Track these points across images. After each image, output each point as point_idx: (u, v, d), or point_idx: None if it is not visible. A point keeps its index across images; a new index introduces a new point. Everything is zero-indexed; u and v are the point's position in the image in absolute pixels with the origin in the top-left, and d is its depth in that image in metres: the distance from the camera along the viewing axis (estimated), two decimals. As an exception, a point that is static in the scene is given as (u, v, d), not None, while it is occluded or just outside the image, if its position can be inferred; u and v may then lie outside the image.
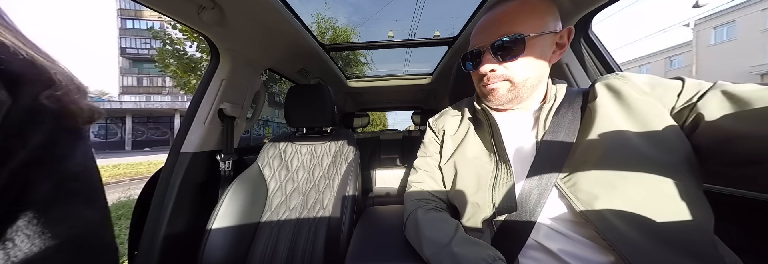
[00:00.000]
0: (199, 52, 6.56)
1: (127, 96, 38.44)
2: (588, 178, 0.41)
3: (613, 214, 0.38)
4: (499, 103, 0.54)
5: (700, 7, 15.36)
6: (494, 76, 0.50)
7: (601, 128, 0.43)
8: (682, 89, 0.40)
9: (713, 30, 16.92)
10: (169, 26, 6.42)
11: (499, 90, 0.51)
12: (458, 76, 0.83)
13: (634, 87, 0.44)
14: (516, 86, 0.50)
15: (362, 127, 2.66)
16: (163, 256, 0.81)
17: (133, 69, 39.31)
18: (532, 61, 0.49)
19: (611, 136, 0.41)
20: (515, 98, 0.52)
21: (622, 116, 0.42)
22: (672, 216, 0.36)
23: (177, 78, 7.13)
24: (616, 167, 0.39)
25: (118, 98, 37.96)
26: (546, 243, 0.45)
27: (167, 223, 0.83)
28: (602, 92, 0.47)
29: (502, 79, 0.50)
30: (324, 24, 8.26)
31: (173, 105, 18.40)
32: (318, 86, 1.16)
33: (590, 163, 0.42)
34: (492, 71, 0.50)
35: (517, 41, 0.47)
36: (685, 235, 0.36)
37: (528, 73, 0.49)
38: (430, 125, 0.73)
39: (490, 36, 0.49)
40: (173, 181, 0.87)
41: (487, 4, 0.84)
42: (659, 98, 0.41)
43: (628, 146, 0.40)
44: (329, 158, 1.14)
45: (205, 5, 0.74)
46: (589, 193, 0.40)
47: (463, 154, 0.58)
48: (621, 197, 0.38)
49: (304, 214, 1.02)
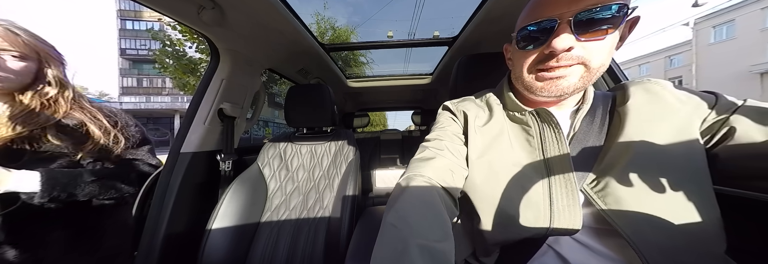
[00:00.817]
0: (198, 52, 6.57)
1: (126, 97, 38.44)
2: (615, 184, 0.40)
3: (644, 224, 0.38)
4: (557, 95, 0.43)
5: (699, 6, 15.39)
6: (567, 58, 0.39)
7: (631, 132, 0.41)
8: (716, 103, 0.40)
9: (713, 29, 16.91)
10: (169, 27, 6.44)
11: (570, 77, 0.40)
12: (458, 76, 0.83)
13: (673, 94, 0.43)
14: (590, 73, 0.40)
15: (362, 127, 2.66)
16: (163, 256, 0.81)
17: (133, 70, 39.33)
18: (613, 44, 0.40)
19: (642, 142, 0.40)
20: (581, 89, 0.42)
21: (657, 121, 0.41)
22: (692, 222, 0.37)
23: (176, 79, 7.13)
24: (645, 173, 0.39)
25: (117, 99, 37.98)
26: (562, 251, 0.44)
27: (167, 223, 0.83)
28: (638, 96, 0.44)
29: (577, 62, 0.39)
30: (324, 24, 8.27)
31: (173, 106, 18.38)
32: (318, 86, 1.16)
33: (618, 168, 0.40)
34: (569, 50, 0.38)
35: (615, 12, 0.37)
36: (702, 241, 0.37)
37: (606, 58, 0.40)
38: (448, 108, 0.59)
39: (573, 3, 0.38)
40: (173, 181, 0.87)
41: (488, 2, 0.84)
42: (694, 110, 0.41)
43: (661, 154, 0.39)
44: (329, 158, 1.14)
45: (205, 5, 0.74)
46: (616, 198, 0.39)
47: (501, 160, 0.47)
48: (648, 203, 0.38)
49: (304, 214, 1.02)
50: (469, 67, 0.81)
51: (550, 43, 0.39)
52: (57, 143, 0.69)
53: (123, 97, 38.34)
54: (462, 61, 0.83)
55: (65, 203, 0.67)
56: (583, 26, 0.37)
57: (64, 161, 0.70)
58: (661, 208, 0.37)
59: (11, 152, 0.64)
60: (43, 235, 0.68)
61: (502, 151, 0.48)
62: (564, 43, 0.38)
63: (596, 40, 0.38)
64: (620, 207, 0.39)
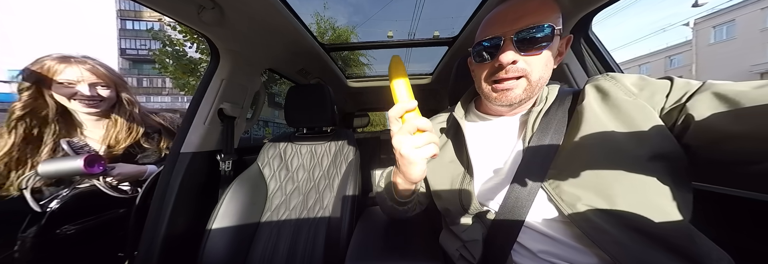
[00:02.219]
0: (198, 53, 6.56)
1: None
2: (572, 180, 0.42)
3: (596, 214, 0.40)
4: (508, 104, 0.50)
5: (699, 6, 15.36)
6: (513, 70, 0.46)
7: (586, 130, 0.43)
8: (671, 90, 0.40)
9: (713, 29, 16.92)
10: (169, 28, 6.43)
11: (515, 89, 0.48)
12: (458, 76, 0.83)
13: (622, 88, 0.44)
14: (532, 85, 0.47)
15: (362, 127, 2.66)
16: (162, 256, 0.81)
17: (133, 70, 39.33)
18: (550, 58, 0.47)
19: (596, 138, 0.42)
20: (526, 99, 0.49)
21: (609, 117, 0.43)
22: (653, 214, 0.38)
23: (176, 79, 7.13)
24: (601, 168, 0.40)
25: (118, 99, 37.95)
26: (530, 245, 0.47)
27: (167, 223, 0.83)
28: (590, 93, 0.47)
29: (520, 75, 0.46)
30: (324, 24, 8.27)
31: (173, 106, 18.38)
32: (318, 86, 1.16)
33: (575, 164, 0.43)
34: (513, 63, 0.45)
35: (547, 32, 0.44)
36: (665, 232, 0.37)
37: (544, 71, 0.47)
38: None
39: (514, 24, 0.45)
40: (173, 181, 0.87)
41: (488, 3, 0.84)
42: (648, 99, 0.41)
43: (613, 147, 0.40)
44: (329, 158, 1.14)
45: (205, 5, 0.74)
46: (572, 195, 0.42)
47: (442, 161, 0.60)
48: (605, 198, 0.40)
49: (304, 214, 1.02)
50: (469, 67, 0.81)
51: (498, 57, 0.46)
52: (147, 146, 0.97)
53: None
54: (462, 61, 0.83)
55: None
56: (523, 43, 0.45)
57: (157, 157, 1.00)
58: (618, 203, 0.39)
59: (128, 155, 0.93)
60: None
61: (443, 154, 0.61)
62: (508, 57, 0.45)
63: (534, 55, 0.45)
64: (575, 202, 0.41)
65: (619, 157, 0.40)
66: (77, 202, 0.82)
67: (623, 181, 0.39)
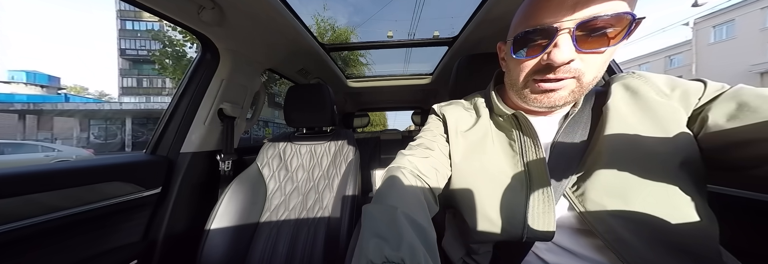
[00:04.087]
0: (198, 53, 6.57)
1: (127, 97, 38.44)
2: (597, 187, 0.38)
3: (621, 224, 0.37)
4: (549, 106, 0.41)
5: (699, 5, 15.34)
6: (565, 70, 0.36)
7: (613, 130, 0.39)
8: (704, 93, 0.37)
9: (713, 29, 16.89)
10: (169, 28, 6.44)
11: (561, 91, 0.39)
12: (458, 76, 0.83)
13: (654, 87, 0.41)
14: (582, 87, 0.38)
15: (362, 127, 2.66)
16: (162, 256, 0.80)
17: (133, 70, 39.31)
18: (610, 57, 0.38)
19: (623, 140, 0.38)
20: (570, 103, 0.42)
21: (638, 118, 0.39)
22: (680, 224, 0.35)
23: (176, 80, 7.13)
24: (624, 174, 0.37)
25: (118, 99, 37.98)
26: (545, 256, 0.44)
27: (167, 223, 0.83)
28: (618, 91, 0.43)
29: (572, 76, 0.37)
30: (323, 25, 8.27)
31: (173, 106, 18.40)
32: (318, 86, 1.16)
33: (601, 170, 0.38)
34: (569, 63, 0.36)
35: (622, 25, 0.34)
36: (691, 244, 0.35)
37: (599, 71, 0.38)
38: (435, 111, 0.60)
39: (574, 9, 0.34)
40: (173, 181, 0.87)
41: (488, 2, 0.84)
42: (680, 101, 0.38)
43: (641, 151, 0.37)
44: (329, 158, 1.14)
45: (205, 5, 0.74)
46: (596, 203, 0.38)
47: (482, 164, 0.47)
48: (630, 206, 0.37)
49: (304, 215, 1.02)
50: (469, 67, 0.81)
51: (550, 55, 0.36)
52: None
53: (123, 98, 38.34)
54: (462, 61, 0.83)
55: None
56: (585, 37, 0.35)
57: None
58: (644, 212, 0.36)
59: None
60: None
61: (484, 156, 0.48)
62: (565, 55, 0.35)
63: (595, 53, 0.36)
64: (597, 208, 0.38)
65: (649, 162, 0.36)
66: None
67: (653, 189, 0.36)
